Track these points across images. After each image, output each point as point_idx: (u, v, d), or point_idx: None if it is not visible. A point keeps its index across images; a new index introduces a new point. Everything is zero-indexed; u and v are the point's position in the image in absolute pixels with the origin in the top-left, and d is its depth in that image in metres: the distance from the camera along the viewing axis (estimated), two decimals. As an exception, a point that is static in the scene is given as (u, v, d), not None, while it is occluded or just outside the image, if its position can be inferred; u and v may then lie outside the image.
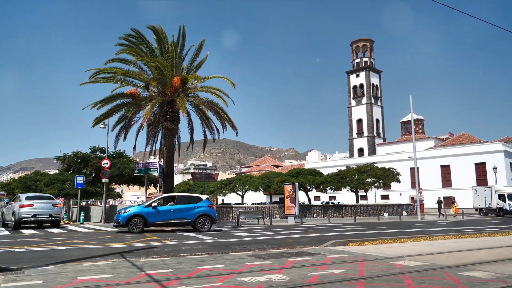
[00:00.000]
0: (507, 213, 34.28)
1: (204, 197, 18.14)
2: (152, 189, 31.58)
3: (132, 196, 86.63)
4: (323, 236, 14.45)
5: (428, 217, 34.05)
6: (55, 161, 33.34)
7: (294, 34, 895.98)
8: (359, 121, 78.64)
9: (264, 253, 9.32)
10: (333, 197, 57.86)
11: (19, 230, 17.89)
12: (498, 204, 35.54)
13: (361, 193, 44.49)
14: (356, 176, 38.11)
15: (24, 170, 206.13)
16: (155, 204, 16.73)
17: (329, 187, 39.88)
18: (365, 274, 6.50)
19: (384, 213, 36.14)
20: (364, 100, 78.18)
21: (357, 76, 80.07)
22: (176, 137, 23.74)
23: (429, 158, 53.41)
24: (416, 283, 5.81)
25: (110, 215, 24.61)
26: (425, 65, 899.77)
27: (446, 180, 52.36)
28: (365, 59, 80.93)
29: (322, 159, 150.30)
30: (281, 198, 52.54)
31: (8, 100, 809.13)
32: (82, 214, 25.11)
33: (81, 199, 29.01)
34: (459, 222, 26.34)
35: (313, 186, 41.42)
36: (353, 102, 79.89)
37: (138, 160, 35.63)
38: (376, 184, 38.26)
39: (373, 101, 78.15)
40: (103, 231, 17.38)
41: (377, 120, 79.13)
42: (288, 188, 25.62)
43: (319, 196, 58.96)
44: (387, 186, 45.00)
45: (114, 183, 32.69)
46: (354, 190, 39.58)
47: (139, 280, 6.07)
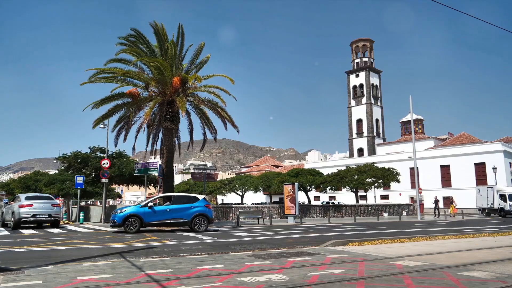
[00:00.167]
0: (508, 214, 33.86)
1: (201, 197, 18.12)
2: (152, 189, 31.55)
3: (132, 196, 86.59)
4: (323, 236, 14.45)
5: (428, 217, 34.06)
6: (55, 161, 33.34)
7: (294, 34, 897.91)
8: (359, 121, 78.68)
9: (264, 253, 9.32)
10: (333, 197, 57.87)
11: (19, 230, 17.90)
12: (500, 204, 35.26)
13: (361, 193, 44.52)
14: (356, 176, 38.14)
15: (24, 170, 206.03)
16: (151, 204, 16.72)
17: (329, 187, 39.93)
18: (365, 274, 6.50)
19: (384, 213, 36.15)
20: (364, 100, 78.21)
21: (357, 76, 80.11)
22: (176, 137, 23.75)
23: (429, 158, 53.44)
24: (416, 283, 5.81)
25: (110, 215, 24.51)
26: (425, 65, 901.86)
27: (446, 180, 52.38)
28: (365, 59, 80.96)
29: (322, 159, 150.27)
30: (281, 198, 52.61)
31: (8, 100, 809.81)
32: (82, 214, 25.12)
33: (81, 199, 28.98)
34: (459, 222, 26.35)
35: (313, 186, 41.47)
36: (353, 102, 79.92)
37: (138, 160, 35.61)
38: (376, 184, 38.30)
39: (373, 101, 78.18)
40: (103, 231, 17.38)
41: (377, 120, 79.16)
42: (288, 188, 25.62)
43: (319, 196, 58.97)
44: (387, 186, 45.05)
45: (114, 183, 32.66)
46: (354, 190, 39.61)
47: (139, 280, 6.07)
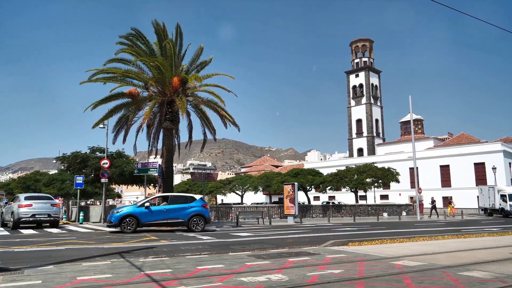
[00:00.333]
0: (509, 214, 33.45)
1: (198, 197, 18.09)
2: (152, 189, 31.54)
3: (132, 196, 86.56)
4: (323, 236, 14.45)
5: (428, 217, 34.05)
6: (55, 161, 33.29)
7: (294, 34, 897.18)
8: (359, 121, 78.69)
9: (264, 253, 9.32)
10: (333, 197, 57.88)
11: (18, 230, 17.90)
12: (501, 205, 35.02)
13: (361, 193, 44.52)
14: (356, 176, 38.15)
15: (24, 170, 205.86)
16: (148, 204, 16.70)
17: (329, 187, 39.93)
18: (365, 274, 6.50)
19: (384, 213, 36.16)
20: (364, 100, 78.22)
21: (357, 76, 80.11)
22: (176, 137, 23.74)
23: (429, 158, 53.44)
24: (416, 283, 5.82)
25: (109, 215, 24.59)
26: (425, 65, 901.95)
27: (446, 180, 52.39)
28: (365, 59, 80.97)
29: (322, 159, 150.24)
30: (281, 198, 52.65)
31: (8, 100, 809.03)
32: (82, 214, 25.11)
33: (81, 199, 28.96)
34: (458, 222, 26.36)
35: (313, 186, 41.49)
36: (353, 102, 79.93)
37: (138, 160, 35.60)
38: (376, 184, 38.31)
39: (373, 101, 78.19)
40: (103, 231, 17.37)
41: (377, 120, 79.18)
42: (288, 188, 25.61)
43: (319, 196, 58.97)
44: (387, 186, 45.06)
45: (114, 183, 32.64)
46: (354, 190, 39.62)
47: (139, 280, 6.07)
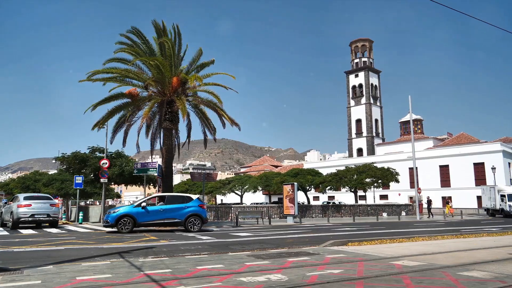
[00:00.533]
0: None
1: (195, 197, 18.08)
2: (152, 189, 31.52)
3: (131, 196, 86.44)
4: (322, 236, 14.46)
5: (427, 217, 34.05)
6: (54, 161, 33.24)
7: (294, 34, 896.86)
8: (358, 121, 78.72)
9: (263, 253, 9.32)
10: (332, 197, 57.91)
11: (18, 230, 17.90)
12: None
13: (360, 193, 44.54)
14: (355, 176, 38.16)
15: (23, 170, 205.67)
16: (144, 204, 16.70)
17: (328, 187, 39.94)
18: (364, 274, 6.51)
19: (383, 213, 36.18)
20: (363, 100, 78.24)
21: (356, 76, 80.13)
22: (175, 137, 23.72)
23: (428, 158, 53.48)
24: (415, 283, 5.82)
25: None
26: (424, 65, 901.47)
27: (445, 180, 52.43)
28: (364, 59, 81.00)
29: (321, 159, 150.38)
30: (280, 198, 52.68)
31: (8, 100, 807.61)
32: (81, 214, 25.10)
33: (80, 199, 28.94)
34: (458, 222, 26.38)
35: (312, 186, 41.51)
36: (352, 102, 79.95)
37: (137, 160, 35.59)
38: (375, 184, 38.34)
39: (372, 101, 78.22)
40: (102, 231, 17.36)
41: (376, 120, 79.21)
42: (287, 188, 25.62)
43: (318, 196, 58.99)
44: (386, 186, 45.08)
45: (114, 183, 32.60)
46: (353, 190, 39.64)
47: (138, 280, 6.07)
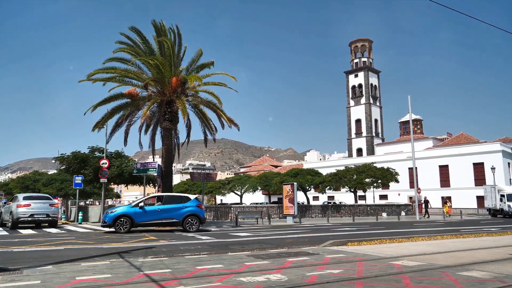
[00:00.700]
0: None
1: (193, 197, 18.07)
2: (152, 189, 31.49)
3: (131, 196, 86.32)
4: (322, 236, 14.46)
5: (426, 217, 34.05)
6: (53, 161, 33.19)
7: (294, 34, 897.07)
8: (358, 121, 78.73)
9: (263, 253, 9.32)
10: (332, 197, 57.92)
11: (17, 230, 17.90)
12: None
13: (360, 193, 44.55)
14: (355, 176, 38.17)
15: (23, 170, 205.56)
16: (142, 204, 16.71)
17: (328, 187, 39.95)
18: (364, 274, 6.51)
19: (383, 213, 36.19)
20: (363, 100, 78.26)
21: (356, 76, 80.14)
22: (175, 137, 23.71)
23: (428, 158, 53.49)
24: (415, 283, 5.82)
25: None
26: (424, 65, 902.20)
27: (445, 180, 52.45)
28: (364, 59, 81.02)
29: (321, 159, 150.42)
30: (280, 198, 52.70)
31: (8, 100, 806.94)
32: (81, 214, 25.09)
33: (80, 199, 28.92)
34: (457, 222, 26.39)
35: (312, 186, 41.51)
36: (352, 102, 79.97)
37: (137, 160, 35.53)
38: (375, 184, 38.34)
39: (372, 101, 78.23)
40: (101, 231, 17.35)
41: (376, 120, 79.22)
42: (287, 188, 25.62)
43: (318, 196, 59.00)
44: (386, 186, 45.06)
45: (114, 183, 32.57)
46: (353, 190, 39.65)
47: (138, 280, 6.06)
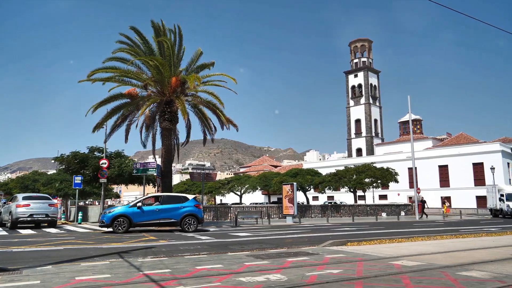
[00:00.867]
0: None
1: (191, 197, 18.08)
2: (152, 189, 31.46)
3: (131, 196, 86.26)
4: (321, 236, 14.47)
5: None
6: (53, 161, 33.16)
7: (294, 34, 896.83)
8: (358, 121, 78.76)
9: (262, 253, 9.32)
10: (331, 197, 57.94)
11: (17, 230, 17.89)
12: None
13: (359, 193, 44.56)
14: (354, 176, 38.18)
15: (22, 170, 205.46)
16: (140, 204, 16.72)
17: (328, 187, 39.96)
18: (363, 274, 6.51)
19: (382, 213, 36.19)
20: (363, 100, 78.29)
21: (356, 76, 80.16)
22: (175, 137, 23.71)
23: (427, 158, 53.51)
24: (414, 283, 5.82)
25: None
26: (424, 66, 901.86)
27: (444, 180, 52.47)
28: (364, 59, 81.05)
29: (321, 159, 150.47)
30: (280, 198, 52.69)
31: (7, 100, 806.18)
32: (80, 214, 25.08)
33: (79, 199, 28.90)
34: (457, 222, 26.41)
35: (312, 186, 41.51)
36: (352, 102, 79.99)
37: (137, 160, 35.50)
38: (374, 184, 38.36)
39: (371, 101, 78.26)
40: (101, 231, 17.34)
41: (375, 120, 79.24)
42: (287, 188, 25.63)
43: (318, 196, 59.02)
44: (385, 186, 45.10)
45: (113, 183, 32.55)
46: (352, 190, 39.66)
47: (137, 280, 6.06)
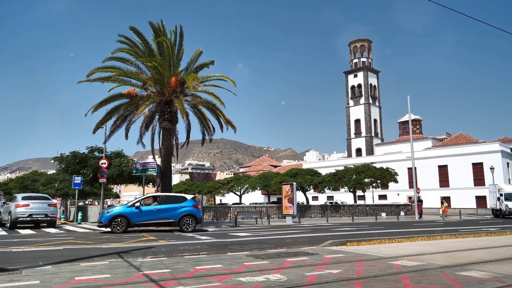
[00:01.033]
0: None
1: (189, 197, 18.09)
2: (151, 189, 31.47)
3: (130, 196, 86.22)
4: (321, 236, 14.47)
5: (426, 217, 34.11)
6: (52, 161, 33.15)
7: (294, 34, 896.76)
8: (357, 121, 78.76)
9: (262, 253, 9.32)
10: (331, 197, 57.94)
11: (16, 230, 17.88)
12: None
13: (359, 193, 44.57)
14: (354, 176, 38.19)
15: (22, 170, 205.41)
16: (138, 204, 16.73)
17: (327, 187, 39.97)
18: (363, 274, 6.51)
19: (382, 213, 36.20)
20: (362, 100, 78.30)
21: (355, 77, 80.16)
22: (174, 137, 23.70)
23: (427, 158, 53.54)
24: (414, 283, 5.82)
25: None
26: (423, 66, 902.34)
27: (444, 180, 52.50)
28: (363, 59, 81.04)
29: (320, 159, 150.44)
30: (279, 198, 52.68)
31: (7, 101, 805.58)
32: (80, 214, 25.06)
33: (79, 199, 28.87)
34: (456, 222, 26.42)
35: (311, 186, 41.52)
36: (351, 102, 79.99)
37: (136, 160, 35.48)
38: (374, 184, 38.36)
39: (371, 101, 78.26)
40: (101, 231, 17.34)
41: (375, 120, 79.24)
42: (286, 188, 25.63)
43: (317, 196, 59.01)
44: (385, 186, 45.13)
45: (113, 183, 32.53)
46: (352, 190, 39.66)
47: (137, 280, 6.06)
